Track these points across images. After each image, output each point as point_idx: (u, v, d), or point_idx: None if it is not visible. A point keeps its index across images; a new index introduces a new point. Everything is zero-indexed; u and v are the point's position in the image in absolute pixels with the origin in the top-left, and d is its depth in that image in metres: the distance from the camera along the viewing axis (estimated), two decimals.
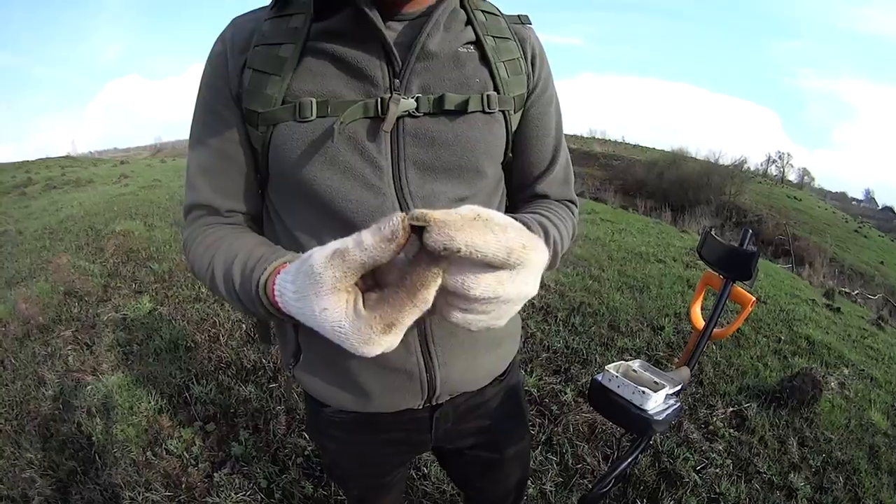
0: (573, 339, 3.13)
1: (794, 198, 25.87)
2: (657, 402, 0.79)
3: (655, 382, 0.82)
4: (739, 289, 1.04)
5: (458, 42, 0.67)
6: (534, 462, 2.09)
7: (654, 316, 3.69)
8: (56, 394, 2.42)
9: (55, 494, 1.86)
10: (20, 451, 2.05)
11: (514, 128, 0.73)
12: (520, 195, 0.83)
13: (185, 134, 0.77)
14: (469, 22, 0.69)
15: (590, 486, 1.56)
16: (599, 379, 0.83)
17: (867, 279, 13.64)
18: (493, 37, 0.70)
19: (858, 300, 9.23)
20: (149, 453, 2.03)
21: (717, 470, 2.14)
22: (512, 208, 0.83)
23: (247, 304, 0.58)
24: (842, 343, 3.90)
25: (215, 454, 2.04)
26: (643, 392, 0.78)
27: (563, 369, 2.80)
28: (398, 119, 0.63)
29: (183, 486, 1.88)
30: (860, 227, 24.86)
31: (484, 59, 0.69)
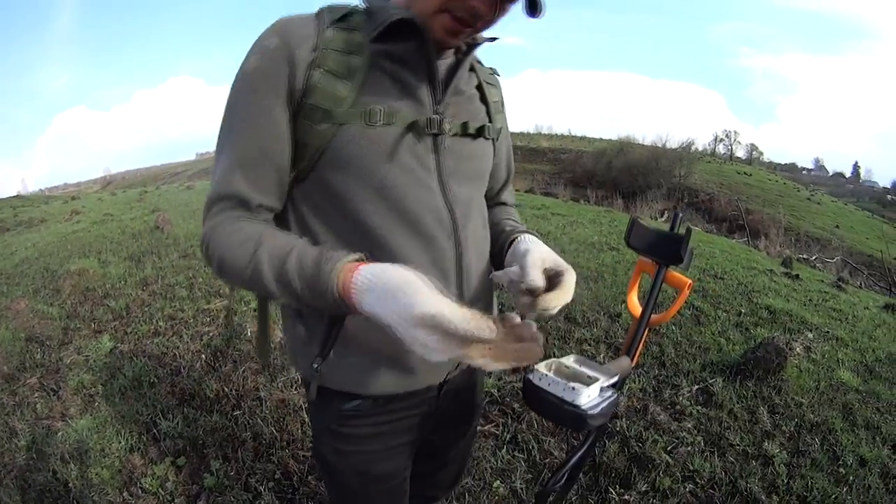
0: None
1: (745, 173, 26.54)
2: (590, 397, 0.80)
3: (589, 377, 0.84)
4: (674, 273, 1.05)
5: (471, 85, 0.89)
6: (501, 461, 2.12)
7: (610, 304, 3.74)
8: (28, 443, 2.36)
9: None
10: None
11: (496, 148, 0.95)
12: (489, 200, 1.03)
13: (134, 164, 0.77)
14: (472, 69, 0.90)
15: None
16: (530, 378, 0.85)
17: (824, 244, 14.08)
18: (486, 83, 0.92)
19: (817, 265, 9.56)
20: (125, 494, 2.00)
21: (689, 448, 2.19)
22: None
23: (310, 297, 0.63)
24: (803, 309, 4.01)
25: (189, 487, 2.02)
26: (573, 388, 0.80)
27: (522, 367, 2.81)
28: (436, 136, 0.78)
29: None
30: (812, 195, 25.66)
31: (483, 99, 0.91)
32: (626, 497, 1.93)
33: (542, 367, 0.86)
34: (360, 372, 0.83)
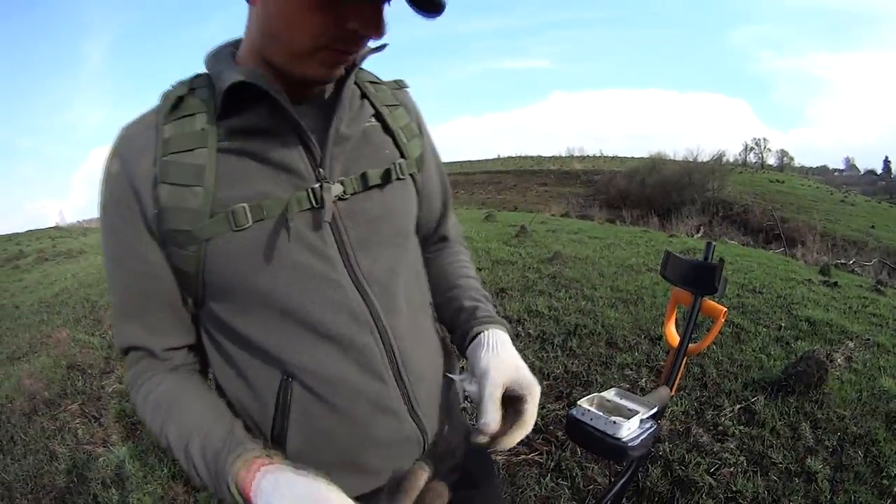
0: (572, 363, 3.14)
1: (777, 181, 25.99)
2: (630, 430, 0.81)
3: (629, 410, 0.85)
4: (709, 301, 1.06)
5: (364, 119, 0.70)
6: (545, 489, 2.10)
7: (650, 326, 3.69)
8: (69, 467, 2.43)
9: None
10: None
11: (419, 185, 0.78)
12: (427, 242, 0.88)
13: None
14: (364, 96, 0.72)
15: None
16: (574, 413, 0.86)
17: (860, 246, 13.65)
18: (386, 106, 0.74)
19: (855, 269, 9.25)
20: None
21: (731, 469, 2.14)
22: (424, 254, 0.85)
23: (211, 484, 0.58)
24: (843, 317, 3.90)
25: None
26: (614, 422, 0.80)
27: (564, 394, 2.82)
28: (321, 208, 0.62)
29: None
30: (846, 197, 24.92)
31: (386, 129, 0.72)
32: None
33: (584, 402, 0.87)
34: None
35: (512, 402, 0.68)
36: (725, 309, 1.08)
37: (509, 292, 4.57)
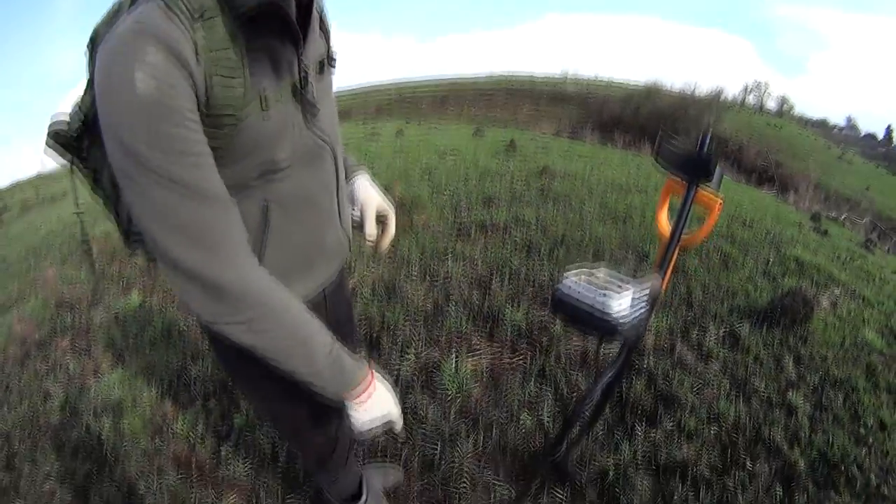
0: (558, 272, 3.11)
1: (775, 126, 25.47)
2: (622, 305, 0.79)
3: (619, 286, 0.82)
4: (704, 192, 1.03)
5: (317, 21, 0.84)
6: (528, 394, 2.13)
7: (638, 244, 3.66)
8: (62, 403, 2.44)
9: (76, 500, 1.90)
10: (36, 466, 2.08)
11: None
12: None
13: None
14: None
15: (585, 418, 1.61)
16: (560, 289, 0.83)
17: (853, 204, 13.62)
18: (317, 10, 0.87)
19: (846, 224, 9.27)
20: (157, 440, 2.06)
21: (714, 390, 2.17)
22: None
23: (331, 385, 0.82)
24: (831, 264, 3.89)
25: (220, 429, 2.08)
26: (604, 295, 0.78)
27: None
28: (304, 88, 0.79)
29: (193, 465, 1.92)
30: (843, 154, 24.71)
31: (322, 27, 0.89)
32: (652, 434, 1.93)
33: (571, 275, 0.84)
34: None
35: (380, 220, 1.10)
36: (721, 199, 1.05)
37: (496, 202, 4.51)
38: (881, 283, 3.81)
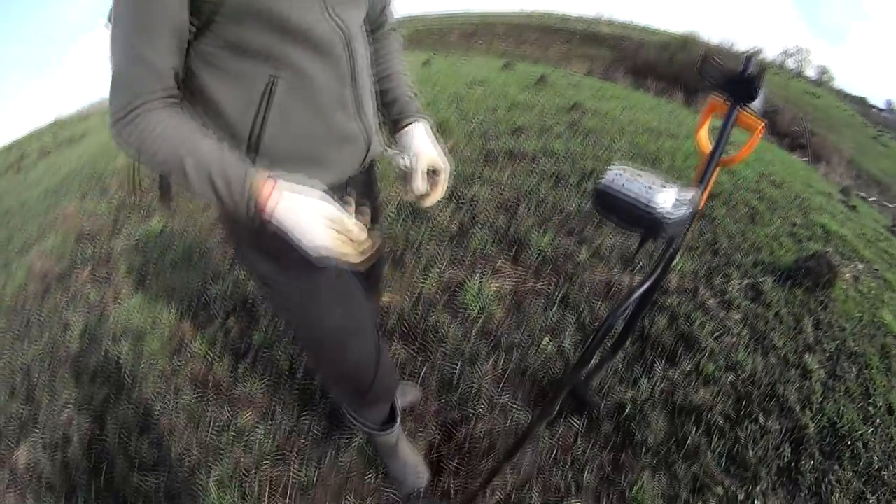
0: (586, 204, 3.09)
1: (813, 94, 24.62)
2: (666, 200, 0.76)
3: (664, 184, 0.79)
4: (746, 114, 1.02)
5: None
6: (551, 320, 2.13)
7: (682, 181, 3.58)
8: (81, 331, 2.48)
9: (93, 426, 1.94)
10: (55, 396, 2.12)
11: None
12: (373, 24, 1.07)
13: None
14: None
15: (608, 345, 1.60)
16: (603, 181, 0.80)
17: (884, 188, 13.21)
18: None
19: (875, 206, 9.01)
20: (175, 360, 2.09)
21: (734, 339, 2.15)
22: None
23: (232, 204, 0.76)
24: (857, 239, 3.79)
25: (238, 347, 2.10)
26: (650, 187, 0.75)
27: (576, 231, 2.81)
28: None
29: (210, 384, 1.95)
30: (880, 135, 23.85)
31: None
32: (671, 374, 1.93)
33: (616, 169, 0.81)
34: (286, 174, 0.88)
35: (431, 175, 1.05)
36: (764, 122, 1.03)
37: (525, 132, 4.45)
38: None
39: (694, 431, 1.74)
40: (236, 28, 0.75)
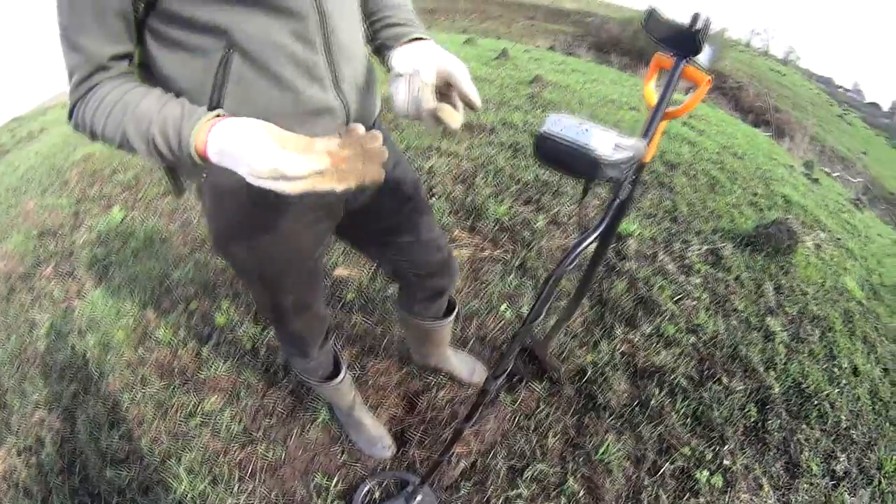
0: (543, 173, 3.10)
1: (778, 72, 25.02)
2: (603, 142, 0.77)
3: (603, 129, 0.80)
4: (692, 68, 1.03)
5: None
6: (509, 286, 2.16)
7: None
8: (47, 329, 2.43)
9: (64, 425, 1.91)
10: (26, 398, 2.08)
11: None
12: None
13: None
14: None
15: (563, 307, 1.62)
16: (543, 129, 0.81)
17: (848, 164, 13.52)
18: None
19: (838, 181, 9.23)
20: (140, 349, 2.07)
21: (694, 302, 2.19)
22: None
23: (174, 155, 0.70)
24: (819, 209, 3.89)
25: (201, 330, 2.08)
26: (586, 130, 0.76)
27: (533, 199, 2.83)
28: None
29: (175, 370, 1.94)
30: (844, 114, 24.37)
31: None
32: (631, 336, 1.97)
33: (553, 115, 0.82)
34: None
35: (449, 89, 0.80)
36: (710, 77, 1.04)
37: (485, 104, 4.43)
38: (866, 240, 3.82)
39: (657, 393, 1.77)
40: (183, 3, 0.70)
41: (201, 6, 0.70)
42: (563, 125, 0.78)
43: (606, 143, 0.77)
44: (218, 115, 0.69)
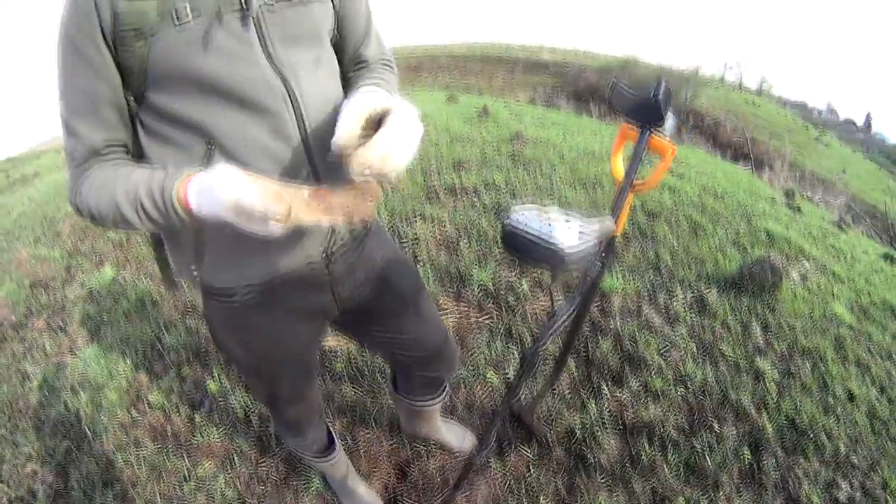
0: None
1: (753, 103, 25.52)
2: (566, 234, 0.81)
3: (567, 220, 0.84)
4: (657, 138, 1.06)
5: None
6: (495, 352, 2.17)
7: (607, 208, 3.62)
8: (40, 383, 2.44)
9: (57, 480, 1.91)
10: (18, 449, 2.08)
11: (338, 9, 0.89)
12: (350, 63, 0.99)
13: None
14: None
15: (549, 371, 1.64)
16: (508, 222, 0.85)
17: (828, 186, 13.69)
18: None
19: (820, 204, 9.34)
20: (133, 412, 2.08)
21: (681, 353, 2.20)
22: (344, 80, 0.96)
23: (165, 220, 0.73)
24: (803, 239, 3.91)
25: (193, 396, 2.09)
26: (549, 224, 0.80)
27: (517, 264, 2.82)
28: (246, 11, 0.73)
29: (168, 434, 1.94)
30: (821, 136, 24.85)
31: None
32: (619, 394, 1.98)
33: (520, 209, 0.86)
34: (236, 265, 0.89)
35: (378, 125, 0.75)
36: (675, 147, 1.08)
37: (466, 165, 4.50)
38: (852, 260, 3.82)
39: (647, 447, 1.77)
40: (166, 97, 0.75)
41: (183, 101, 0.74)
42: (528, 218, 0.83)
43: (570, 235, 0.81)
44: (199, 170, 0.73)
